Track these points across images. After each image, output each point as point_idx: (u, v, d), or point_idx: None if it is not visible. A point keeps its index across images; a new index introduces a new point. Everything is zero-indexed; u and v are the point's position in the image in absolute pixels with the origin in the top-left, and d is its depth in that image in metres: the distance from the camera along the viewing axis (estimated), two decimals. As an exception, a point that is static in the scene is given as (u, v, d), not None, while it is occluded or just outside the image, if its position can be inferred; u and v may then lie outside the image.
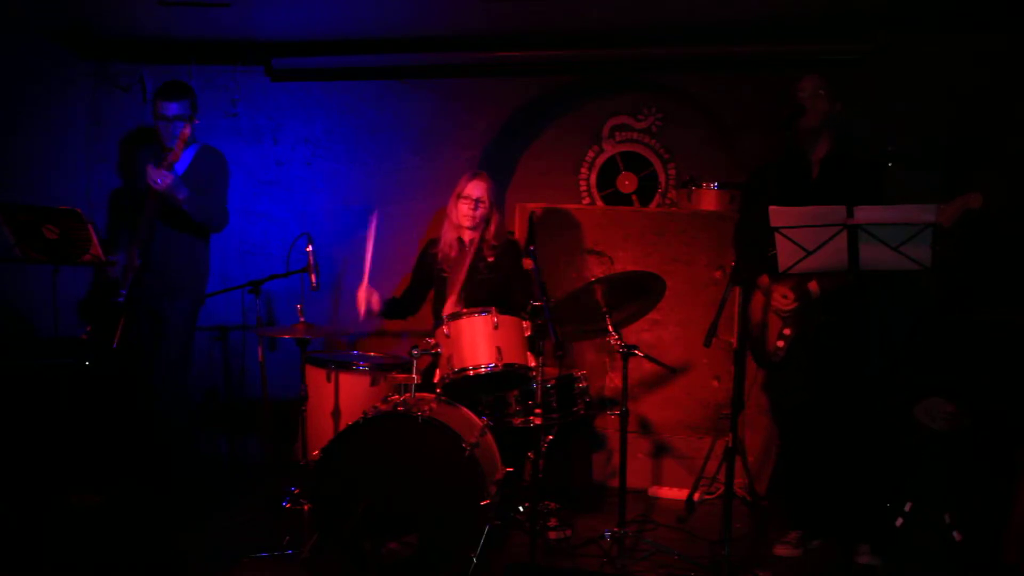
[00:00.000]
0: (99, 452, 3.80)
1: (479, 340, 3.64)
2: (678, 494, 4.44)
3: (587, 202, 5.12)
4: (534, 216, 3.81)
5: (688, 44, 4.58)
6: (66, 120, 4.99)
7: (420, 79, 4.98)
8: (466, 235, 4.21)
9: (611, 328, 3.63)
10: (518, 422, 3.82)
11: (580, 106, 5.08)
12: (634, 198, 5.10)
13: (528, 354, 3.69)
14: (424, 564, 3.17)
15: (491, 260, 4.18)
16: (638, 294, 3.72)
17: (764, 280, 3.61)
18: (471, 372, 3.62)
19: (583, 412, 3.90)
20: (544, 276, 3.57)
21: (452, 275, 4.19)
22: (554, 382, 3.87)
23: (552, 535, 3.73)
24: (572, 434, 4.17)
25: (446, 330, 3.70)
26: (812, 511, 3.67)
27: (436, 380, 3.73)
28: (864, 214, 2.92)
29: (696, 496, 4.36)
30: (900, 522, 3.54)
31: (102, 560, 3.39)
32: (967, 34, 4.27)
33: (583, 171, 5.14)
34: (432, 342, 3.76)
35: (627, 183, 5.10)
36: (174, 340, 4.15)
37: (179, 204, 3.95)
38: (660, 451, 4.65)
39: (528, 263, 3.67)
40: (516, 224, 4.80)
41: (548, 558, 3.54)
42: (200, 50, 4.96)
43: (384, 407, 3.41)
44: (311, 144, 5.10)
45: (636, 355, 3.61)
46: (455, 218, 4.20)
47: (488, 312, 3.66)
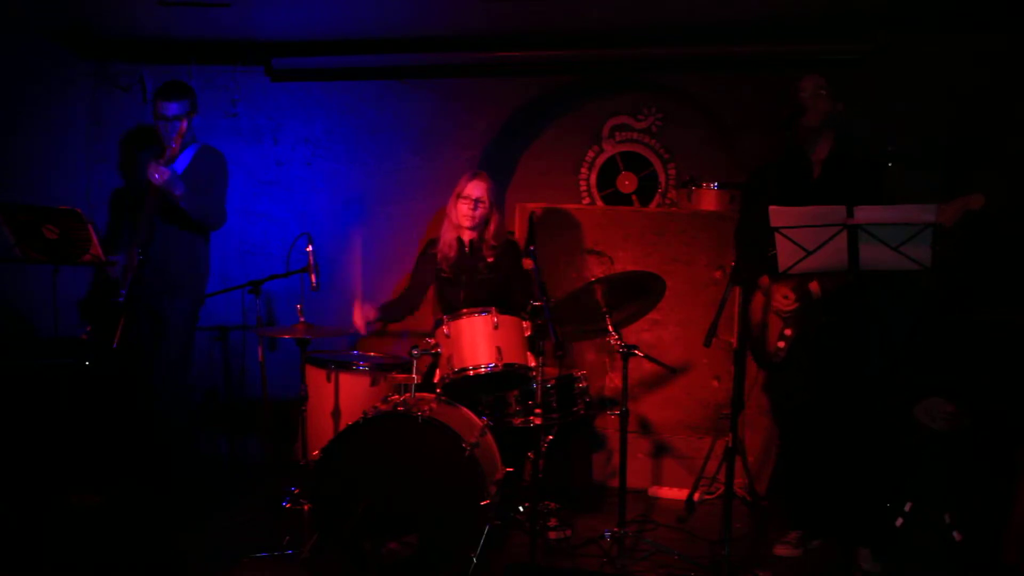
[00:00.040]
0: (99, 452, 3.80)
1: (479, 340, 3.64)
2: (678, 494, 4.44)
3: (587, 202, 5.12)
4: (534, 216, 3.80)
5: (688, 44, 4.58)
6: (66, 120, 4.98)
7: (420, 79, 4.98)
8: (465, 235, 4.20)
9: (611, 328, 3.63)
10: (518, 422, 3.82)
11: (580, 106, 5.08)
12: (634, 198, 5.10)
13: (528, 354, 3.69)
14: (424, 564, 3.17)
15: (491, 260, 4.17)
16: (638, 294, 3.72)
17: (764, 280, 3.61)
18: (471, 372, 3.62)
19: (583, 412, 3.90)
20: (544, 276, 3.57)
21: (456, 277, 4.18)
22: (554, 382, 3.87)
23: (552, 535, 3.73)
24: (572, 434, 4.16)
25: (446, 330, 3.70)
26: (812, 511, 3.67)
27: (436, 380, 3.73)
28: (864, 214, 2.92)
29: (696, 496, 4.36)
30: (900, 522, 3.54)
31: (102, 560, 3.39)
32: (967, 34, 4.27)
33: (583, 171, 5.14)
34: (432, 342, 3.76)
35: (627, 183, 5.10)
36: (174, 340, 4.15)
37: (176, 201, 3.96)
38: (660, 451, 4.65)
39: (528, 263, 3.67)
40: (516, 224, 4.80)
41: (548, 558, 3.54)
42: (200, 50, 4.96)
43: (384, 407, 3.41)
44: (311, 144, 5.10)
45: (636, 355, 3.62)
46: (455, 218, 4.18)
47: (488, 312, 3.66)
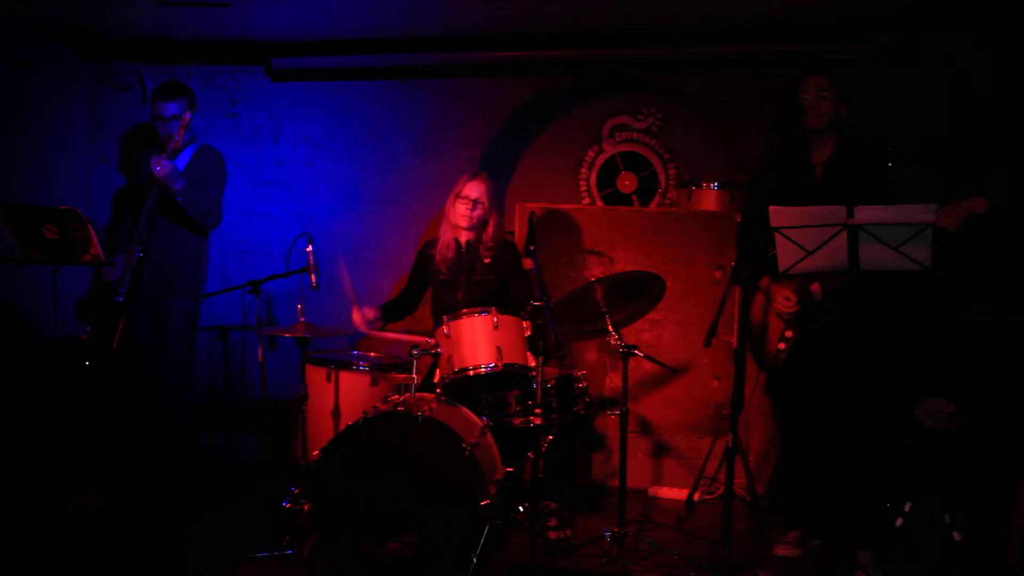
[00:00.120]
0: (99, 452, 3.79)
1: (479, 340, 3.64)
2: (678, 494, 4.44)
3: (587, 202, 5.12)
4: (534, 216, 3.80)
5: (688, 44, 4.58)
6: (66, 120, 4.99)
7: (420, 79, 4.98)
8: (463, 236, 4.16)
9: (611, 328, 3.63)
10: (518, 422, 3.82)
11: (580, 106, 5.08)
12: (634, 198, 5.10)
13: (528, 354, 3.68)
14: (424, 564, 3.17)
15: (487, 262, 4.14)
16: (638, 294, 3.72)
17: (765, 281, 3.61)
18: (471, 372, 3.61)
19: (583, 412, 3.90)
20: (544, 276, 3.57)
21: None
22: (554, 382, 3.87)
23: (552, 535, 3.73)
24: (572, 434, 4.16)
25: (446, 330, 3.69)
26: (812, 511, 3.67)
27: (436, 380, 3.72)
28: (864, 214, 2.91)
29: (696, 496, 4.36)
30: (900, 522, 3.53)
31: (102, 560, 3.39)
32: (968, 34, 4.27)
33: (583, 171, 5.14)
34: (432, 342, 3.76)
35: (627, 183, 5.10)
36: (176, 339, 4.16)
37: (175, 196, 3.97)
38: (660, 451, 4.65)
39: (528, 263, 3.67)
40: (516, 224, 4.80)
41: (548, 558, 3.54)
42: (200, 50, 4.96)
43: (384, 407, 3.41)
44: (311, 144, 5.10)
45: (636, 355, 3.62)
46: (452, 218, 4.14)
47: (488, 312, 3.66)
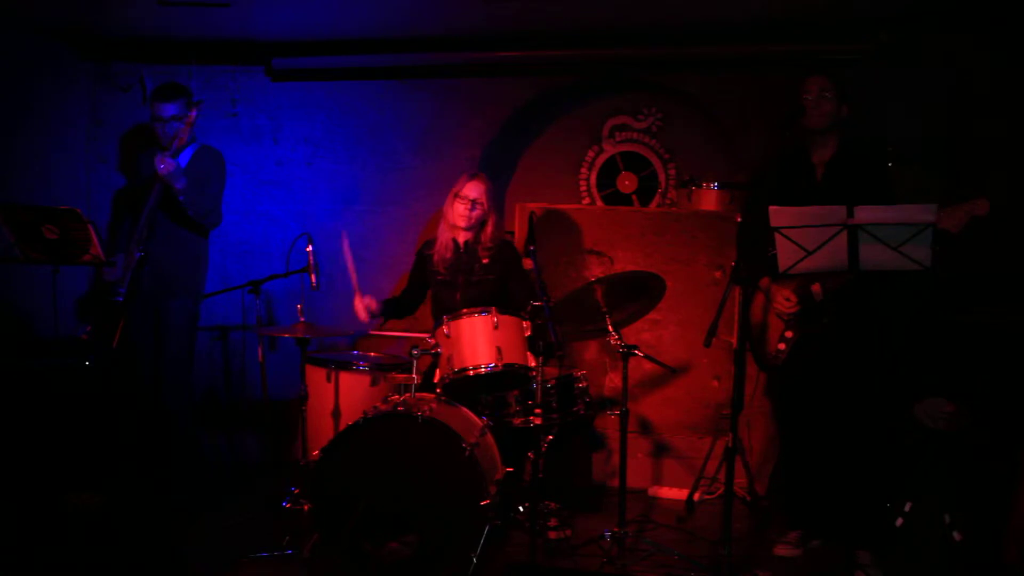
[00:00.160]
0: (99, 452, 3.80)
1: (479, 340, 3.63)
2: (678, 494, 4.44)
3: (587, 202, 5.12)
4: (534, 216, 3.80)
5: (688, 44, 4.58)
6: (66, 120, 4.99)
7: (420, 79, 4.98)
8: (461, 236, 4.16)
9: (611, 328, 3.63)
10: (518, 422, 3.82)
11: (580, 106, 5.08)
12: (634, 198, 5.10)
13: (528, 354, 3.68)
14: (424, 564, 3.17)
15: (486, 262, 4.13)
16: (638, 294, 3.72)
17: (765, 281, 3.61)
18: (471, 372, 3.61)
19: (583, 412, 3.90)
20: (544, 276, 3.57)
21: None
22: (554, 382, 3.87)
23: (552, 535, 3.73)
24: (572, 434, 4.16)
25: (446, 330, 3.69)
26: (812, 511, 3.67)
27: (436, 380, 3.72)
28: (864, 214, 2.91)
29: (696, 496, 4.36)
30: (900, 522, 3.53)
31: (102, 560, 3.38)
32: (968, 34, 4.27)
33: (583, 171, 5.14)
34: (432, 342, 3.75)
35: (627, 183, 5.10)
36: (176, 339, 4.16)
37: (176, 195, 3.98)
38: (660, 451, 4.65)
39: (528, 263, 3.66)
40: (516, 224, 4.80)
41: (548, 558, 3.54)
42: (200, 50, 4.96)
43: (384, 407, 3.41)
44: (311, 144, 5.10)
45: (636, 355, 3.62)
46: (451, 218, 4.14)
47: (488, 312, 3.65)
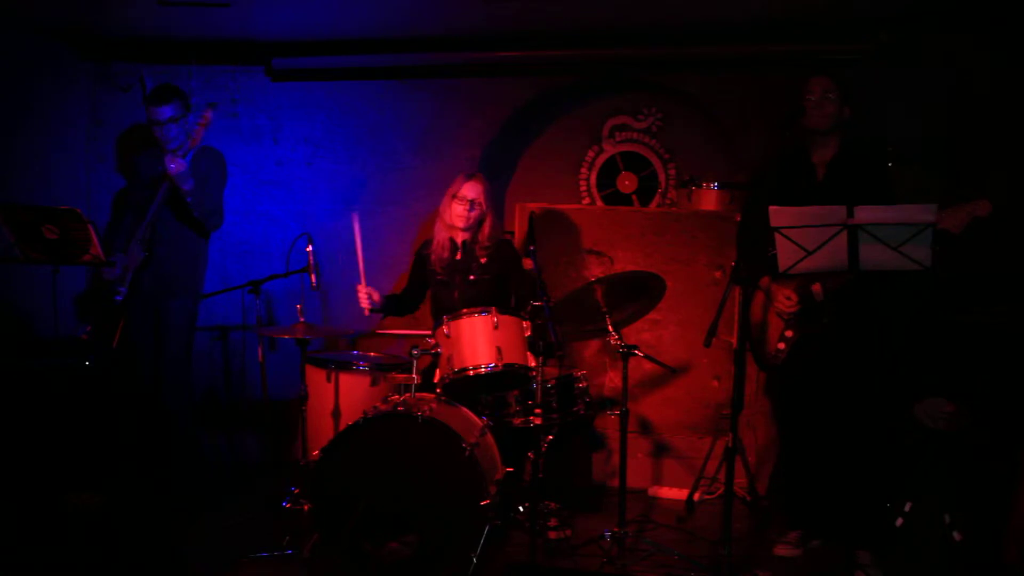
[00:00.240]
0: (99, 452, 3.80)
1: (479, 340, 3.63)
2: (678, 494, 4.44)
3: (587, 202, 5.12)
4: (534, 216, 3.80)
5: (688, 44, 4.58)
6: (66, 120, 4.99)
7: (420, 79, 4.98)
8: (458, 236, 4.16)
9: (611, 328, 3.63)
10: (518, 422, 3.82)
11: (580, 106, 5.08)
12: (634, 198, 5.10)
13: (528, 354, 3.68)
14: (424, 564, 3.17)
15: (484, 261, 4.14)
16: (638, 294, 3.72)
17: (765, 280, 3.61)
18: (471, 372, 3.61)
19: (583, 412, 3.90)
20: (544, 276, 3.57)
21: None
22: (554, 382, 3.87)
23: (552, 535, 3.73)
24: (572, 434, 4.16)
25: (446, 330, 3.69)
26: (812, 511, 3.67)
27: (436, 380, 3.72)
28: (864, 214, 2.91)
29: (696, 496, 4.36)
30: (900, 522, 3.53)
31: (102, 560, 3.38)
32: (968, 34, 4.27)
33: (583, 171, 5.14)
34: (432, 342, 3.75)
35: (627, 183, 5.10)
36: (176, 339, 4.16)
37: (184, 196, 3.99)
38: (660, 451, 4.65)
39: (528, 263, 3.66)
40: (516, 224, 4.80)
41: (548, 558, 3.54)
42: (200, 50, 4.96)
43: (384, 407, 3.41)
44: (311, 144, 5.10)
45: (636, 355, 3.62)
46: (448, 218, 4.14)
47: (488, 312, 3.65)
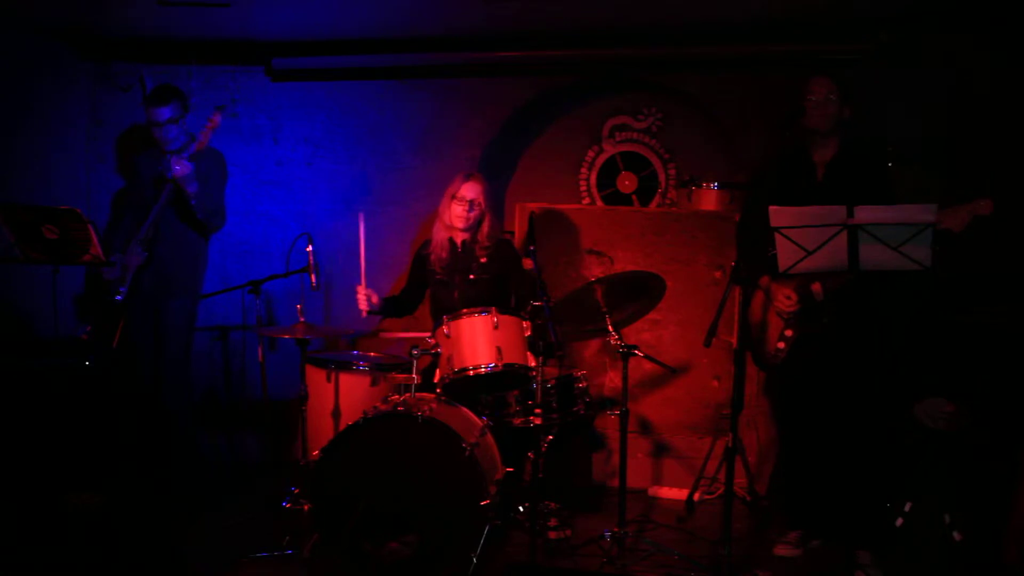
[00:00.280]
0: (99, 452, 3.80)
1: (479, 340, 3.63)
2: (678, 494, 4.44)
3: (587, 202, 5.12)
4: (534, 216, 3.80)
5: (688, 44, 4.58)
6: (66, 120, 4.99)
7: (420, 79, 4.98)
8: (458, 236, 4.17)
9: (611, 328, 3.63)
10: (518, 422, 3.82)
11: (580, 106, 5.08)
12: (634, 198, 5.10)
13: (528, 354, 3.68)
14: (424, 564, 3.17)
15: (483, 261, 4.15)
16: (638, 294, 3.72)
17: (765, 280, 3.61)
18: (471, 372, 3.61)
19: (583, 412, 3.90)
20: (544, 276, 3.57)
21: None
22: (554, 382, 3.87)
23: (552, 535, 3.73)
24: (572, 434, 4.16)
25: (446, 330, 3.69)
26: (812, 511, 3.67)
27: (436, 380, 3.72)
28: (864, 214, 2.91)
29: (696, 496, 4.36)
30: (900, 522, 3.53)
31: (102, 560, 3.38)
32: (968, 34, 4.27)
33: (583, 171, 5.13)
34: (432, 342, 3.75)
35: (627, 183, 5.10)
36: (176, 339, 4.17)
37: (188, 199, 4.01)
38: (660, 451, 4.65)
39: (528, 263, 3.66)
40: (516, 224, 4.80)
41: (548, 558, 3.54)
42: (200, 50, 4.96)
43: (384, 407, 3.41)
44: (311, 144, 5.10)
45: (636, 355, 3.62)
46: (447, 219, 4.15)
47: (488, 312, 3.65)
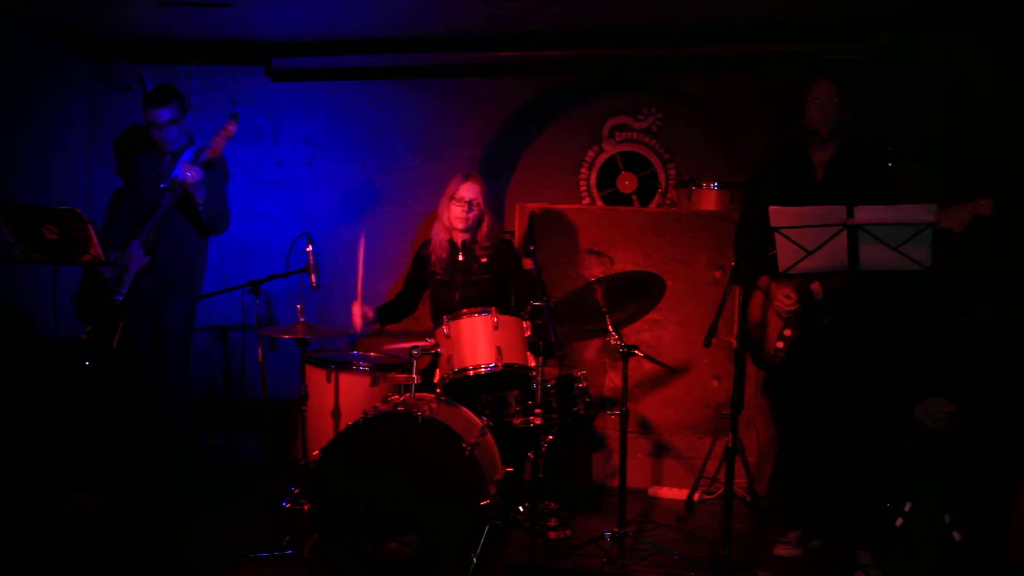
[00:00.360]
0: (99, 452, 3.80)
1: (479, 340, 3.63)
2: (678, 494, 4.44)
3: (587, 202, 5.12)
4: (534, 216, 3.80)
5: (688, 44, 4.58)
6: (66, 120, 4.99)
7: (420, 79, 4.98)
8: (458, 237, 4.17)
9: (611, 328, 3.63)
10: (518, 422, 3.82)
11: (580, 106, 5.08)
12: (634, 198, 5.10)
13: (528, 354, 3.68)
14: (424, 564, 3.17)
15: (484, 261, 4.15)
16: (638, 294, 3.72)
17: (764, 280, 3.61)
18: (471, 372, 3.61)
19: (583, 412, 3.90)
20: (544, 276, 3.57)
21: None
22: (554, 382, 3.87)
23: (552, 535, 3.73)
24: (572, 434, 4.16)
25: (446, 330, 3.69)
26: (812, 511, 3.67)
27: (436, 380, 3.72)
28: (864, 214, 2.91)
29: (696, 496, 4.36)
30: (900, 522, 3.53)
31: (102, 560, 3.39)
32: (968, 34, 4.27)
33: (583, 171, 5.13)
34: (432, 342, 3.75)
35: (627, 183, 5.10)
36: (175, 339, 4.18)
37: (196, 203, 4.01)
38: (660, 451, 4.65)
39: (528, 263, 3.66)
40: (516, 224, 4.80)
41: (548, 558, 3.54)
42: (200, 50, 4.96)
43: (384, 407, 3.41)
44: (311, 144, 5.10)
45: (636, 355, 3.62)
46: (447, 220, 4.15)
47: (488, 312, 3.65)
